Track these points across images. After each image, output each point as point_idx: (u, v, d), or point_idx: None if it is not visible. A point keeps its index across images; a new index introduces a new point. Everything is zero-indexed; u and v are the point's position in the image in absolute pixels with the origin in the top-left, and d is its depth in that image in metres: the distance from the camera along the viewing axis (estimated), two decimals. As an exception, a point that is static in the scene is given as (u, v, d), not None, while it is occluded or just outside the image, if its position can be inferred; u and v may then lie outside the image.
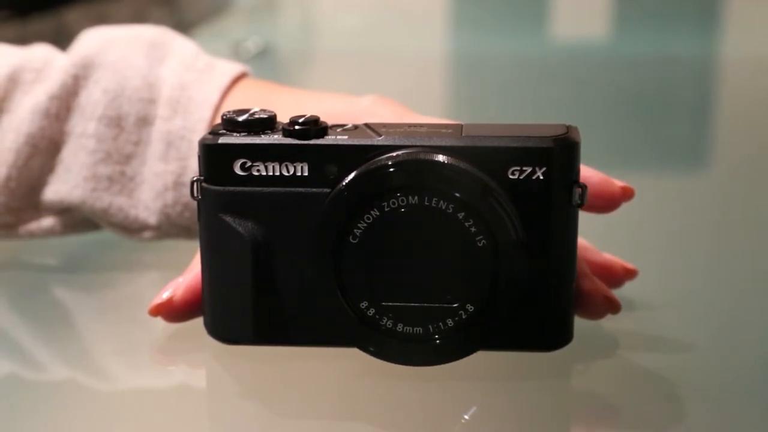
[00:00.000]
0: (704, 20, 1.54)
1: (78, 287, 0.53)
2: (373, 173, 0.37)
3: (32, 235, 0.53)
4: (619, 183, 0.43)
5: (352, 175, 0.37)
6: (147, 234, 0.52)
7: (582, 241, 0.44)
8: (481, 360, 0.38)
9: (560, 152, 0.37)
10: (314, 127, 0.38)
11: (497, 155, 0.37)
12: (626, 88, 1.06)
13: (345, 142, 0.38)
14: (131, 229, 0.52)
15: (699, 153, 0.87)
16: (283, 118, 0.39)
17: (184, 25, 1.34)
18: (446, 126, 0.39)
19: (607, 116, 0.94)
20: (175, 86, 0.52)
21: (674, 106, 1.02)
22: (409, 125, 0.39)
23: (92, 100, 0.52)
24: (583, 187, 0.38)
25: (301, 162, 0.38)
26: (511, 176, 0.37)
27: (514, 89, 1.08)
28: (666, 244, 0.58)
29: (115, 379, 0.43)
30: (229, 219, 0.39)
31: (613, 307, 0.41)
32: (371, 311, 0.37)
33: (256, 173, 0.38)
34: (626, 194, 0.43)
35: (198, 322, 0.42)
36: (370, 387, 0.40)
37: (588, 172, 0.42)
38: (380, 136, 0.38)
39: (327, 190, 0.37)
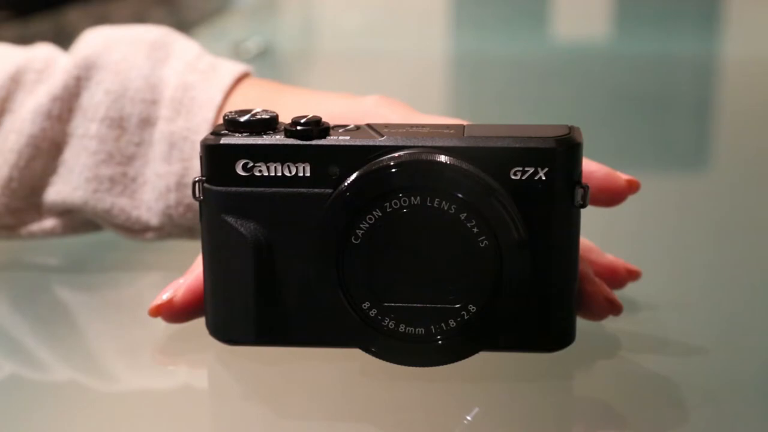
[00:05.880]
0: (704, 20, 1.54)
1: (79, 288, 0.53)
2: (375, 174, 0.37)
3: (33, 236, 0.53)
4: (624, 176, 0.42)
5: (354, 175, 0.37)
6: (149, 235, 0.52)
7: (586, 242, 0.44)
8: (483, 361, 0.38)
9: (563, 153, 0.37)
10: (316, 127, 0.38)
11: (499, 156, 0.37)
12: (627, 88, 1.06)
13: (347, 143, 0.37)
14: (133, 230, 0.52)
15: (700, 153, 0.87)
16: (286, 118, 0.39)
17: (184, 26, 1.34)
18: (448, 126, 0.39)
19: (608, 116, 0.94)
20: (177, 87, 0.52)
21: (675, 106, 1.02)
22: (412, 126, 0.39)
23: (94, 101, 0.52)
24: (586, 187, 0.38)
25: (303, 162, 0.38)
26: (513, 177, 0.37)
27: (515, 89, 1.08)
28: (668, 244, 0.58)
29: (117, 380, 0.43)
30: (231, 219, 0.39)
31: (614, 308, 0.41)
32: (373, 312, 0.37)
33: (258, 174, 0.38)
34: (632, 187, 0.42)
35: (200, 323, 0.42)
36: (372, 388, 0.40)
37: (593, 166, 0.42)
38: (382, 136, 0.38)
39: (329, 190, 0.37)
